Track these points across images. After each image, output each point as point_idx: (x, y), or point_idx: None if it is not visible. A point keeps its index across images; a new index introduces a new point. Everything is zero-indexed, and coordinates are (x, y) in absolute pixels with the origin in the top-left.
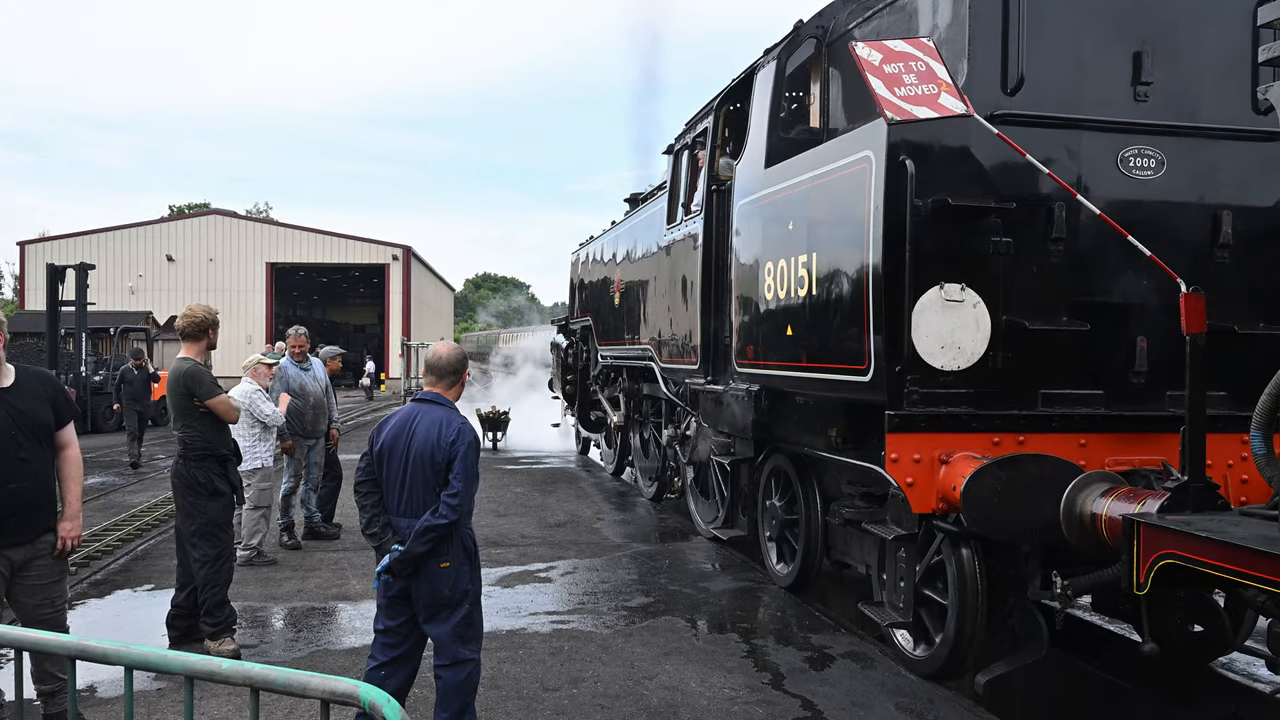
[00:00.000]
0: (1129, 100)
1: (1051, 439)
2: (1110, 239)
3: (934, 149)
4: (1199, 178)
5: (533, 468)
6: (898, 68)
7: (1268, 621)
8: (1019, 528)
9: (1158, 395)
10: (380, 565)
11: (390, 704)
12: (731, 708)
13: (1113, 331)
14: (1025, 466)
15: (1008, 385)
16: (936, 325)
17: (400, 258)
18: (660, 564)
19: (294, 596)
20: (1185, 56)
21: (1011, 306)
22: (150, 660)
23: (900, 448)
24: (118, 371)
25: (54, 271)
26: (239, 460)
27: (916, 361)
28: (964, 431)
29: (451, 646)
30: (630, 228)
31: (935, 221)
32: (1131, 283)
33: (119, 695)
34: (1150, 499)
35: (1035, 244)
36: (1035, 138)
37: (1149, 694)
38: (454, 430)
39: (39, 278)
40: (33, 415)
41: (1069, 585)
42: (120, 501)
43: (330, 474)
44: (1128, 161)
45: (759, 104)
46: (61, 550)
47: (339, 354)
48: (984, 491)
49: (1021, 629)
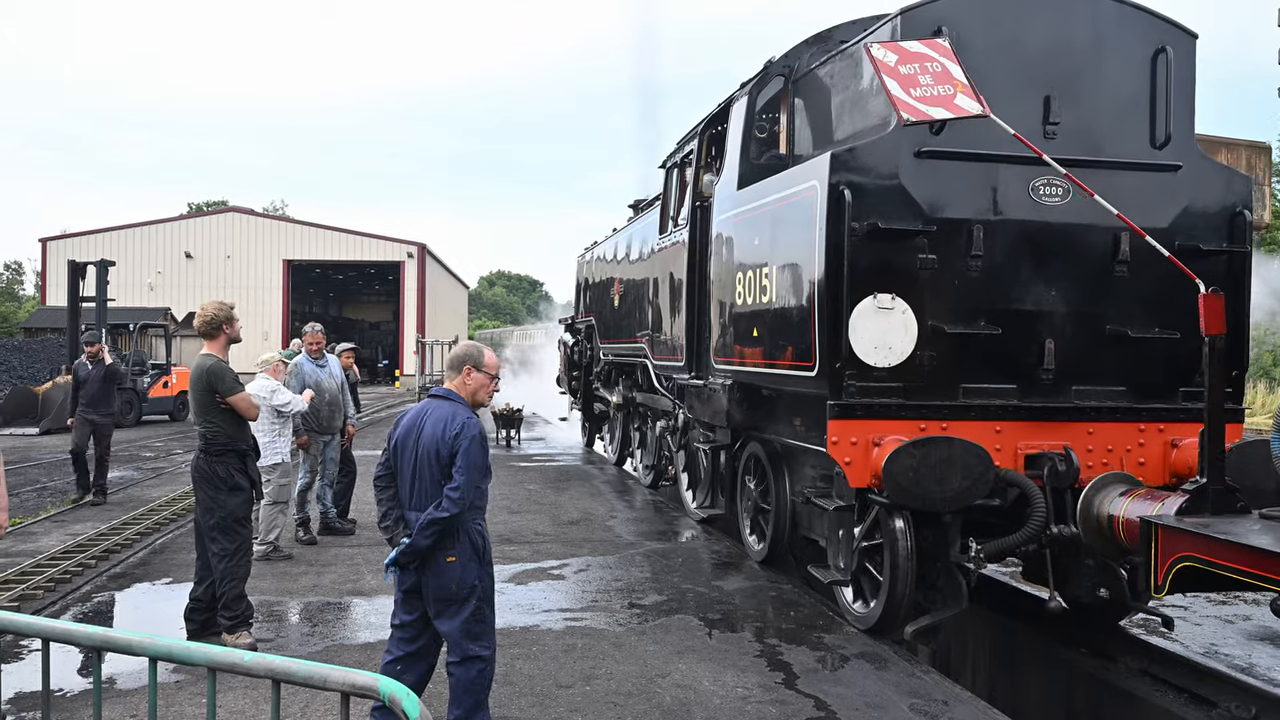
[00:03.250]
0: (1039, 137)
1: (971, 426)
2: (1022, 256)
3: (869, 180)
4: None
5: (546, 465)
6: (913, 68)
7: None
8: (931, 498)
9: (1064, 389)
10: (388, 558)
11: (409, 697)
12: (745, 707)
13: (1025, 334)
14: (936, 447)
15: (932, 380)
16: (871, 329)
17: (415, 255)
18: (673, 562)
19: (309, 591)
20: (1089, 100)
21: (935, 313)
22: (173, 652)
23: (840, 432)
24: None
25: (75, 268)
26: (258, 456)
27: (854, 359)
28: (895, 419)
29: (461, 643)
30: (629, 234)
31: (869, 241)
32: (1042, 293)
33: (138, 687)
34: (1168, 500)
35: (957, 260)
36: (957, 170)
37: (1058, 645)
38: (458, 425)
39: (60, 274)
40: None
41: (981, 550)
42: (139, 496)
43: (345, 470)
44: (1038, 190)
45: (733, 132)
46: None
47: (351, 348)
48: (901, 468)
49: (946, 588)
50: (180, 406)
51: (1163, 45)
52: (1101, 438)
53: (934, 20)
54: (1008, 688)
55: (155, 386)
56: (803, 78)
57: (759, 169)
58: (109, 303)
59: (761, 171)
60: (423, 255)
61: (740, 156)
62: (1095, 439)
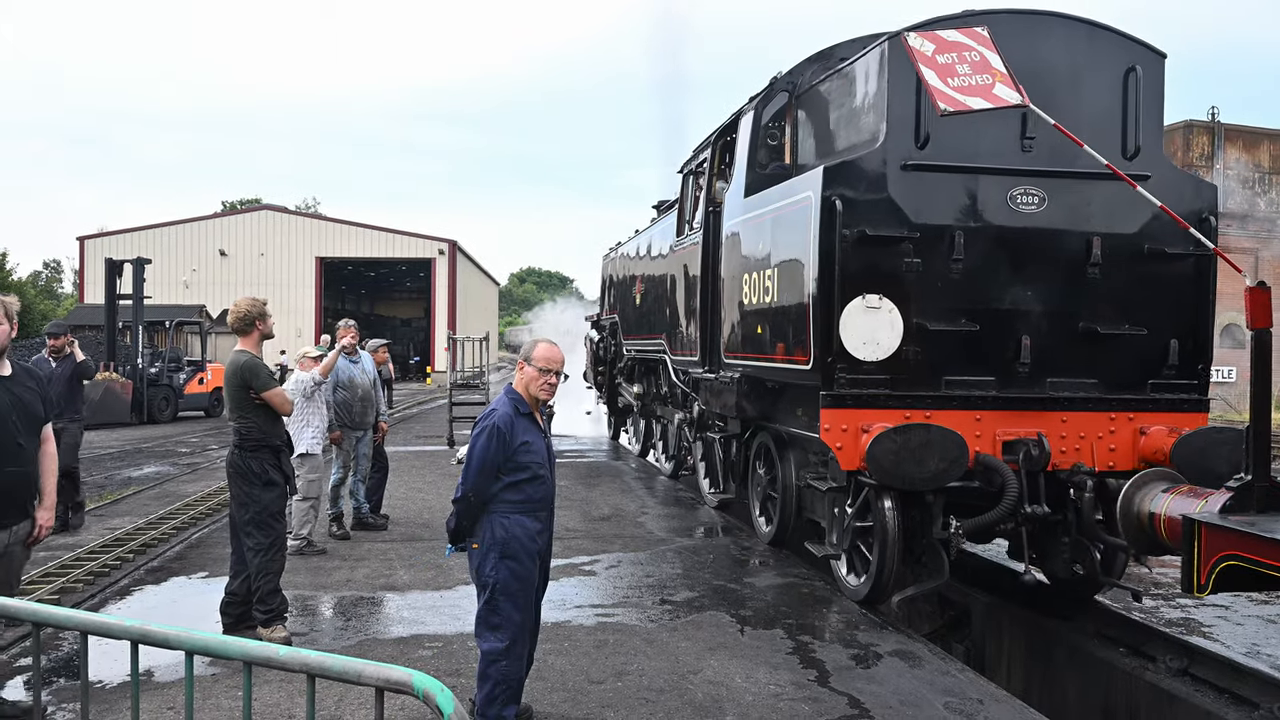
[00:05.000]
0: (1017, 151)
1: (952, 415)
2: (1001, 259)
3: (858, 193)
4: (1074, 210)
5: (576, 461)
6: (951, 58)
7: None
8: (910, 478)
9: (1040, 381)
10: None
11: (444, 693)
12: (777, 704)
13: (1003, 330)
14: (915, 433)
15: (917, 373)
16: (860, 326)
17: (446, 252)
18: (704, 559)
19: (343, 586)
20: (1064, 115)
21: (920, 312)
22: (210, 645)
23: (832, 420)
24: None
25: (112, 266)
26: (292, 452)
27: (844, 354)
28: (882, 408)
29: (478, 628)
30: (650, 235)
31: (858, 247)
32: (1019, 293)
33: (175, 680)
34: (1211, 498)
35: (940, 263)
36: (940, 181)
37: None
38: (480, 416)
39: (98, 272)
40: (30, 405)
41: (960, 526)
42: (175, 491)
43: (378, 465)
44: (1015, 199)
45: (741, 144)
46: (35, 538)
47: (384, 344)
48: (883, 451)
49: (930, 562)
50: (215, 402)
51: (1133, 65)
52: (1074, 425)
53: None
54: (1044, 686)
55: (191, 383)
56: (805, 93)
57: (765, 178)
58: (145, 300)
59: (767, 180)
60: (454, 252)
61: (747, 166)
62: (1069, 426)
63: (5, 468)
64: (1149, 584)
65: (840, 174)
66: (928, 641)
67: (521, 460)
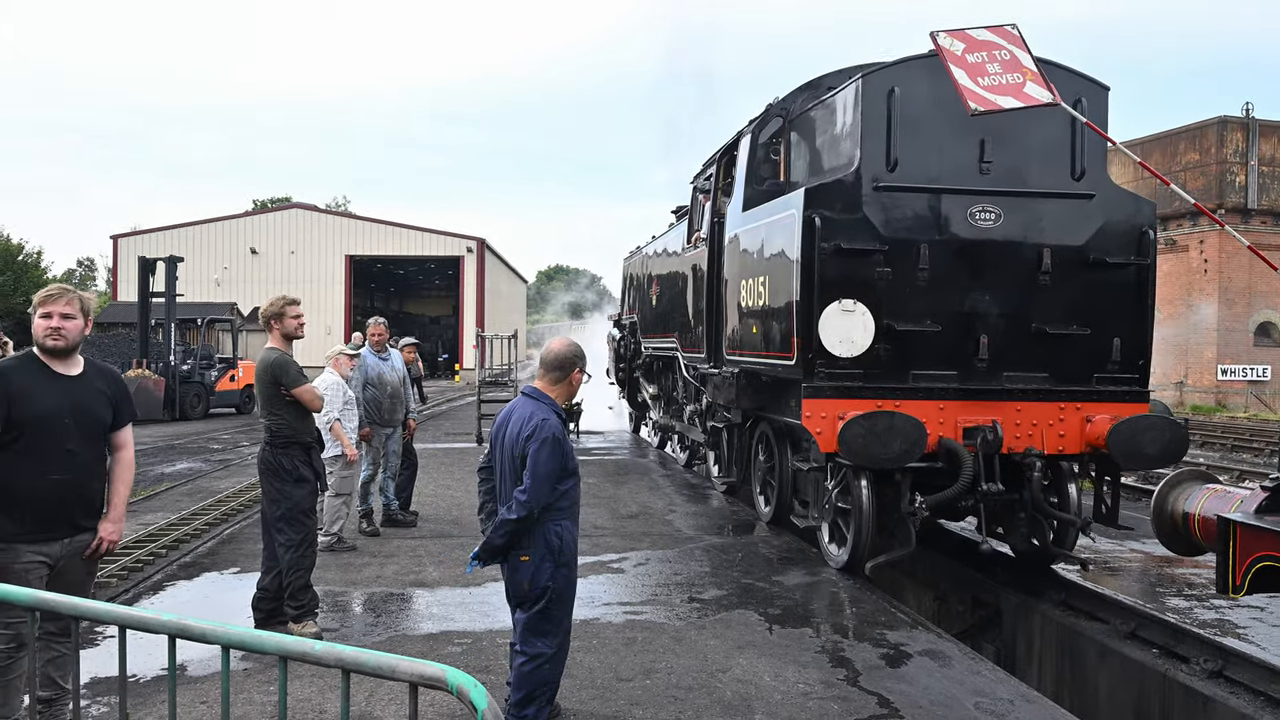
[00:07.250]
0: (976, 173)
1: (918, 404)
2: (962, 268)
3: (835, 212)
4: (1027, 225)
5: (604, 459)
6: (981, 57)
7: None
8: (876, 458)
9: (997, 375)
10: (472, 552)
11: (477, 688)
12: (806, 703)
13: (963, 330)
14: (880, 418)
15: (887, 367)
16: (836, 326)
17: (475, 250)
18: (733, 557)
19: (373, 582)
20: (1018, 142)
21: (890, 314)
22: (246, 640)
23: (812, 408)
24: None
25: (145, 264)
26: (322, 448)
27: (823, 351)
28: (856, 398)
29: (526, 635)
30: (665, 241)
31: (835, 257)
32: (978, 298)
33: (208, 674)
34: (1246, 498)
35: (908, 272)
36: (908, 199)
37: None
38: (531, 427)
39: (131, 270)
40: (90, 409)
41: (924, 502)
42: (207, 487)
43: (407, 462)
44: (975, 215)
45: (740, 163)
46: (94, 551)
47: (413, 342)
48: (853, 435)
49: (899, 534)
50: (247, 399)
51: (1080, 97)
52: (1028, 414)
53: (890, 80)
54: (1075, 687)
55: (222, 380)
56: (796, 118)
57: (761, 193)
58: (178, 298)
59: (763, 195)
60: (482, 250)
61: (745, 183)
62: (1023, 415)
63: (49, 475)
64: (1099, 556)
65: (819, 195)
66: (958, 641)
67: (570, 466)
